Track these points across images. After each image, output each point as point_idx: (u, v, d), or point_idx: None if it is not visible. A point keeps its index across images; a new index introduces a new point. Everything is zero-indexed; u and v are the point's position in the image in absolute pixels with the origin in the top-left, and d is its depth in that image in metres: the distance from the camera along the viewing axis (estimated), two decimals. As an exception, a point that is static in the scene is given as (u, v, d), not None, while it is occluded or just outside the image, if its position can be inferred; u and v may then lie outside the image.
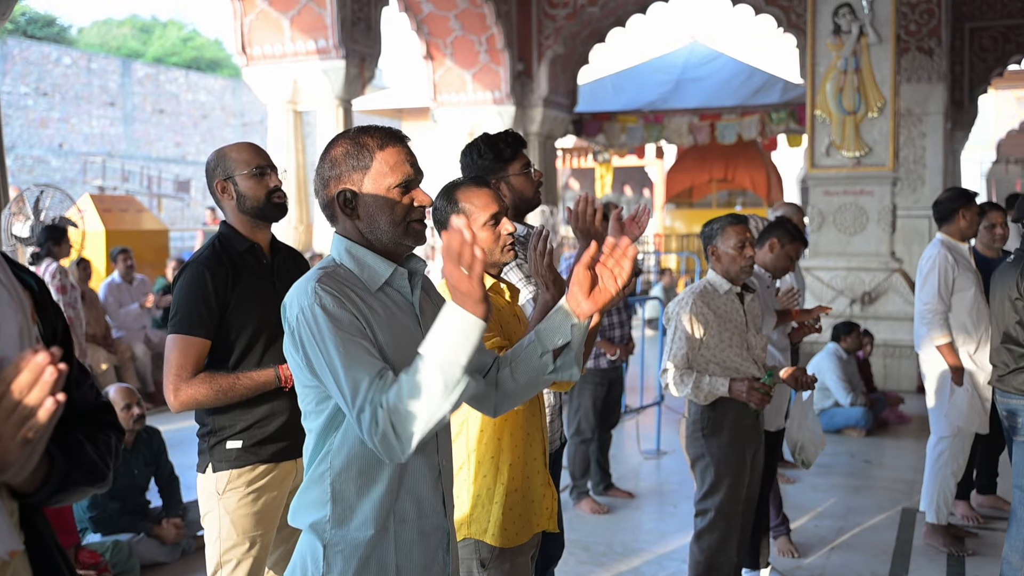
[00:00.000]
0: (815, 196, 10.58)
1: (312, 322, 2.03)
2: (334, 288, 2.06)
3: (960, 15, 14.56)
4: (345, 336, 2.01)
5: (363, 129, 2.22)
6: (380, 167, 2.16)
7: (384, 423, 1.92)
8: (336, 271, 2.14)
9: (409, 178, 2.17)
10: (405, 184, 2.16)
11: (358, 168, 2.16)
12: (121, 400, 5.24)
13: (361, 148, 2.17)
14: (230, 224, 3.26)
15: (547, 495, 2.97)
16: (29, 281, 1.68)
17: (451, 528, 2.28)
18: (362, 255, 2.17)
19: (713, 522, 4.21)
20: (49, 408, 1.29)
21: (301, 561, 2.13)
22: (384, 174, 2.15)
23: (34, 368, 1.28)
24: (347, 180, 2.17)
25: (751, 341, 4.20)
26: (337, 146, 2.20)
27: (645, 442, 8.01)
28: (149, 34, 41.38)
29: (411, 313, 2.21)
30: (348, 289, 2.09)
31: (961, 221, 5.58)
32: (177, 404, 3.08)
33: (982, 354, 5.52)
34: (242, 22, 11.75)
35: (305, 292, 2.06)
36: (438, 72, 15.05)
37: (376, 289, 2.16)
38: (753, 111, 16.84)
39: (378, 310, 2.12)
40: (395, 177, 2.15)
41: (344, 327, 2.02)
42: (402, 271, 2.20)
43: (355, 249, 2.18)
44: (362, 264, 2.17)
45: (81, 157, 28.15)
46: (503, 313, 2.83)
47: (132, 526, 5.26)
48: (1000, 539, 5.74)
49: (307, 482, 2.13)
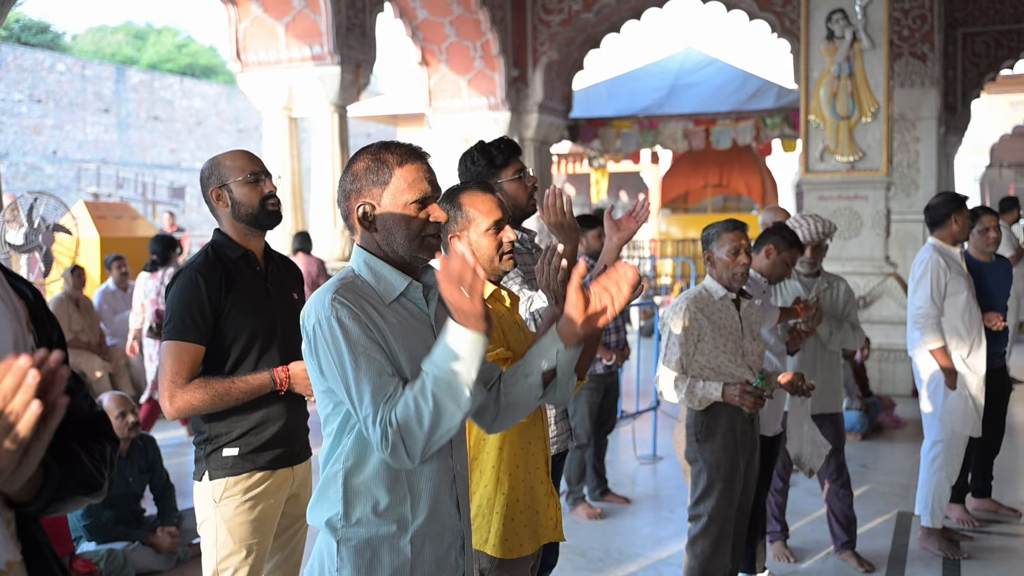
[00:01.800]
0: (809, 201, 10.59)
1: (328, 333, 2.10)
2: (351, 300, 2.13)
3: (953, 20, 14.61)
4: (359, 349, 2.08)
5: (385, 145, 2.29)
6: (399, 183, 2.23)
7: (394, 438, 2.02)
8: (354, 282, 2.21)
9: (426, 195, 2.24)
10: (422, 200, 2.23)
11: (378, 183, 2.24)
12: (115, 408, 5.23)
13: (381, 164, 2.24)
14: (223, 232, 3.26)
15: (551, 505, 2.95)
16: (24, 290, 1.68)
17: (467, 531, 2.32)
18: (379, 267, 2.25)
19: (706, 527, 4.20)
20: (35, 412, 1.27)
21: (319, 557, 2.21)
22: (402, 190, 2.23)
23: (16, 372, 1.26)
24: (367, 194, 2.24)
25: (747, 347, 4.19)
26: (359, 160, 2.27)
27: (641, 447, 8.01)
28: (143, 40, 41.38)
29: (427, 324, 2.28)
30: (365, 301, 2.16)
31: (953, 226, 5.60)
32: (173, 410, 3.07)
33: (975, 358, 5.53)
34: (237, 28, 11.75)
35: (323, 303, 2.13)
36: (433, 78, 15.06)
37: (391, 301, 2.22)
38: (748, 116, 16.87)
39: (393, 321, 2.18)
40: (412, 194, 2.23)
41: (359, 340, 2.09)
42: (417, 284, 2.28)
43: (373, 261, 2.26)
44: (379, 276, 2.24)
45: (75, 164, 28.10)
46: (504, 321, 2.82)
47: (127, 534, 5.24)
48: (995, 543, 5.76)
49: (322, 481, 2.20)
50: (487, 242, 2.78)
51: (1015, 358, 9.36)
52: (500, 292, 2.86)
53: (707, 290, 4.21)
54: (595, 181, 24.17)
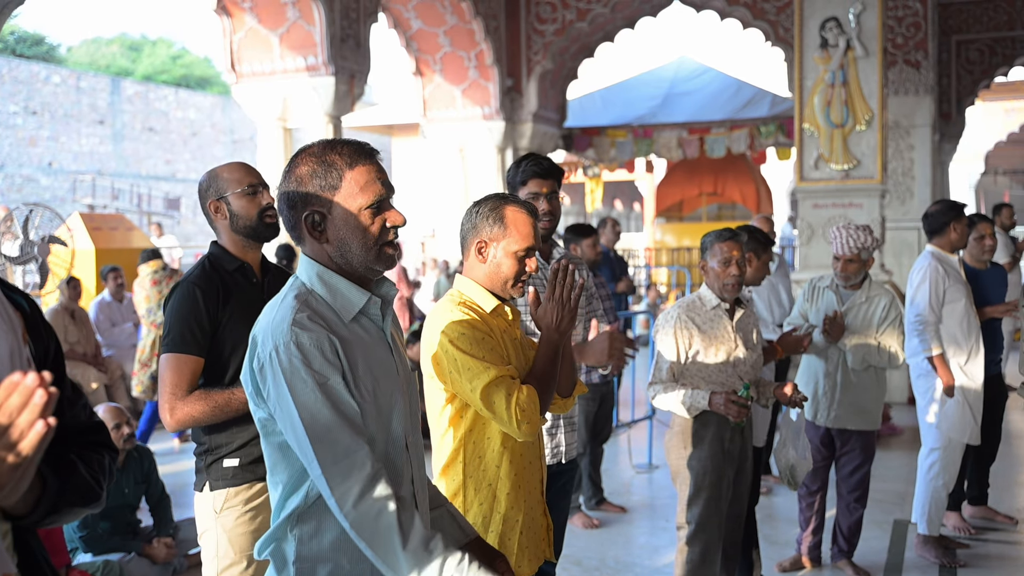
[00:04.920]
0: (804, 209, 10.60)
1: (286, 365, 1.95)
2: (313, 328, 1.97)
3: (947, 28, 14.65)
4: (319, 397, 1.94)
5: (329, 145, 2.08)
6: (350, 187, 2.04)
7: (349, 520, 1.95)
8: (309, 300, 2.04)
9: (381, 197, 2.06)
10: (377, 204, 2.06)
11: (326, 189, 2.04)
12: (110, 420, 5.22)
13: (329, 167, 2.04)
14: (220, 244, 3.27)
15: (543, 524, 2.92)
16: (20, 302, 1.68)
17: None
18: (335, 282, 2.07)
19: (692, 535, 4.20)
20: (39, 431, 1.27)
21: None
22: (354, 195, 2.04)
23: (23, 391, 1.27)
24: (314, 202, 2.04)
25: (740, 357, 4.19)
26: (302, 164, 2.07)
27: (637, 456, 8.01)
28: (138, 52, 41.43)
29: (383, 343, 2.13)
30: (323, 324, 1.99)
31: (952, 234, 5.60)
32: (173, 423, 3.07)
33: (972, 365, 5.54)
34: (231, 39, 11.76)
35: (281, 330, 1.97)
36: (427, 88, 15.07)
37: (349, 320, 2.06)
38: (742, 125, 16.90)
39: (353, 343, 2.03)
40: (366, 197, 2.04)
41: (319, 381, 1.94)
42: (375, 300, 2.11)
43: (327, 275, 2.08)
44: (335, 292, 2.07)
45: (71, 175, 28.10)
46: (506, 335, 2.77)
47: (123, 545, 5.23)
48: (992, 550, 5.76)
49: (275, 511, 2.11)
50: (511, 263, 2.74)
51: (1010, 365, 9.36)
52: (503, 307, 2.82)
53: (701, 299, 4.22)
54: (590, 190, 24.20)
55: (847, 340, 5.16)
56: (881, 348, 5.14)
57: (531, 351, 2.84)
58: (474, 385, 2.59)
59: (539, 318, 2.66)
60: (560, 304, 2.62)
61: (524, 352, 2.83)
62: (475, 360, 2.60)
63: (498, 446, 2.76)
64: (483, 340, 2.65)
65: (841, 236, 5.17)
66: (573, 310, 2.63)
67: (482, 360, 2.60)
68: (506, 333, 2.79)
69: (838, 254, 5.18)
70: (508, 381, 2.59)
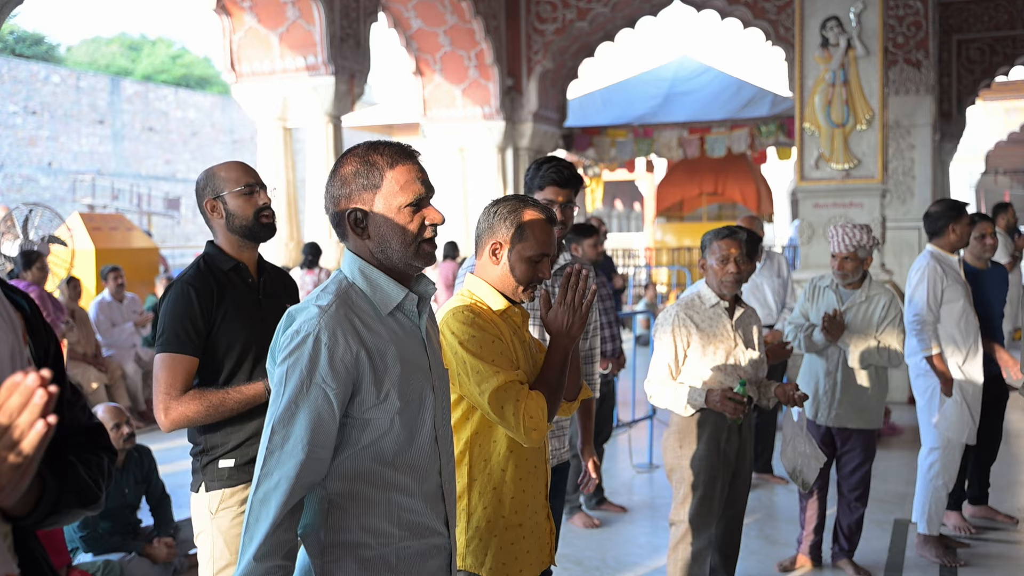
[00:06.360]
0: (805, 209, 10.60)
1: (297, 352, 2.06)
2: (337, 331, 2.06)
3: (947, 27, 14.65)
4: (303, 393, 2.04)
5: (373, 146, 2.18)
6: (391, 186, 2.13)
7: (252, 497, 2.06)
8: (348, 291, 2.14)
9: (420, 196, 2.15)
10: (416, 203, 2.14)
11: (368, 187, 2.14)
12: (110, 420, 5.21)
13: (371, 167, 2.14)
14: (216, 244, 3.26)
15: (547, 528, 2.91)
16: (20, 302, 1.68)
17: (453, 548, 2.27)
18: (375, 277, 2.16)
19: (684, 534, 4.20)
20: (40, 431, 1.27)
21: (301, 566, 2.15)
22: (395, 193, 2.13)
23: (24, 391, 1.26)
24: (357, 199, 2.14)
25: (739, 355, 4.18)
26: (347, 164, 2.17)
27: (637, 456, 8.00)
28: (138, 52, 41.42)
29: (418, 339, 2.20)
30: (357, 318, 2.09)
31: (952, 235, 5.60)
32: (168, 423, 3.05)
33: (971, 365, 5.53)
34: (231, 39, 11.77)
35: (311, 317, 2.07)
36: (427, 88, 15.08)
37: (387, 313, 2.15)
38: (742, 124, 16.90)
39: (386, 336, 2.12)
40: (406, 196, 2.13)
41: (315, 381, 2.04)
42: (413, 296, 2.19)
43: (368, 270, 2.16)
44: (375, 286, 2.16)
45: (70, 175, 28.08)
46: (516, 337, 2.75)
47: (123, 545, 5.23)
48: (992, 550, 5.76)
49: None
50: (524, 268, 2.73)
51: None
52: (513, 309, 2.80)
53: (700, 296, 4.21)
54: (590, 190, 24.20)
55: (847, 339, 5.17)
56: (881, 347, 5.15)
57: (539, 354, 2.82)
58: (483, 389, 2.58)
59: (549, 322, 2.65)
60: (571, 309, 2.62)
61: (533, 355, 2.81)
62: (484, 364, 2.59)
63: (504, 450, 2.75)
64: (493, 343, 2.64)
65: (838, 234, 5.19)
66: (584, 315, 2.62)
67: (491, 364, 2.59)
68: (515, 335, 2.77)
69: (835, 252, 5.20)
70: (517, 387, 2.57)
